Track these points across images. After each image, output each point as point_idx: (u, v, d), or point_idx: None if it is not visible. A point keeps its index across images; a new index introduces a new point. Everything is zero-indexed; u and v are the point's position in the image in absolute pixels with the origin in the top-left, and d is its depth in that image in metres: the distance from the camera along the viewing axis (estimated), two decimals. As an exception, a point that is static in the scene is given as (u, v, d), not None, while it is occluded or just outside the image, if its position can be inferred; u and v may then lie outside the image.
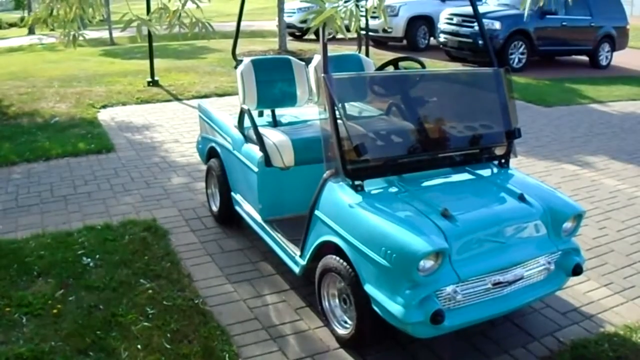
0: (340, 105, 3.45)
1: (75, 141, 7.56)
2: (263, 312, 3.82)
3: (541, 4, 2.66)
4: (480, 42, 13.83)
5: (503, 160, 3.90)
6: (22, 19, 33.26)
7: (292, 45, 17.09)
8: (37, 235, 4.81)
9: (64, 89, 10.87)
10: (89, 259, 4.39)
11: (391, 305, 2.98)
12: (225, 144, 4.84)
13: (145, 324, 3.60)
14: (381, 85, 4.38)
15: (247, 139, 4.53)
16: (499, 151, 3.92)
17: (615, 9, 15.84)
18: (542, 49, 14.56)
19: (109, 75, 12.30)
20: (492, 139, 3.98)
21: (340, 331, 3.47)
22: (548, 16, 14.27)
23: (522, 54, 14.25)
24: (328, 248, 3.44)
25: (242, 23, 5.30)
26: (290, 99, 4.93)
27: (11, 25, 34.36)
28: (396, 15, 16.97)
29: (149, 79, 11.34)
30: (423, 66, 4.77)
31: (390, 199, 3.36)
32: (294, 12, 18.54)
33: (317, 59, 4.89)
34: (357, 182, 3.35)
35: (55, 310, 3.73)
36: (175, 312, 3.74)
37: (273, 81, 4.81)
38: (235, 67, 4.92)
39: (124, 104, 9.97)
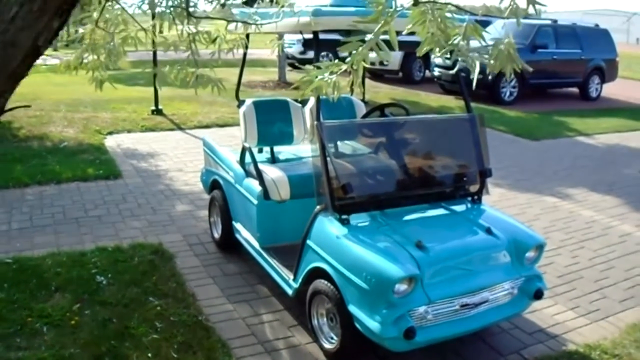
0: (330, 150, 3.89)
1: (84, 166, 7.98)
2: (259, 329, 4.22)
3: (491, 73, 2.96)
4: (472, 77, 14.30)
5: (476, 197, 4.33)
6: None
7: (291, 76, 17.46)
8: (53, 254, 5.21)
9: (71, 114, 11.33)
10: (102, 277, 4.79)
11: (370, 322, 3.39)
12: (227, 177, 5.25)
13: (155, 336, 4.01)
14: (367, 131, 4.85)
15: (248, 174, 4.94)
16: (473, 189, 4.35)
17: (605, 42, 16.33)
18: (533, 82, 15.00)
19: (113, 101, 12.68)
20: (466, 178, 4.42)
21: (327, 346, 3.87)
22: (539, 50, 14.76)
23: (513, 87, 14.67)
24: (318, 273, 3.85)
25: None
26: (287, 138, 5.36)
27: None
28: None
29: (153, 108, 11.75)
30: (407, 111, 5.19)
31: (372, 231, 3.78)
32: (294, 44, 19.00)
33: (313, 101, 5.36)
34: (344, 217, 3.77)
35: (73, 322, 4.13)
36: (181, 326, 4.14)
37: (272, 121, 5.23)
38: (238, 107, 5.37)
39: (129, 131, 10.42)
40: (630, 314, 4.65)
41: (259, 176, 4.67)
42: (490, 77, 14.16)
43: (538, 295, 3.88)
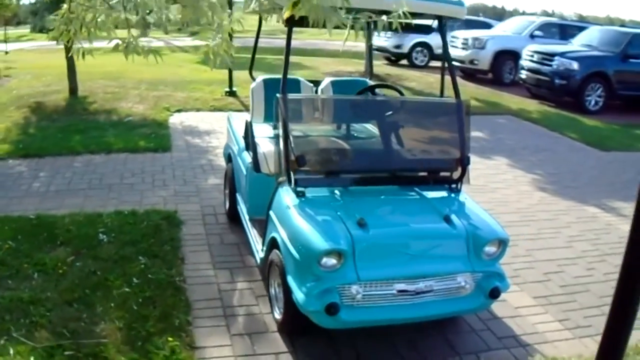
0: (291, 123, 3.94)
1: (138, 139, 8.49)
2: (228, 295, 4.41)
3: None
4: (557, 81, 13.85)
5: (454, 186, 4.20)
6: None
7: (382, 69, 17.41)
8: (73, 214, 5.65)
9: (148, 92, 11.93)
10: (105, 236, 5.16)
11: (298, 293, 3.45)
12: (234, 150, 5.50)
13: (126, 289, 4.30)
14: (333, 107, 4.85)
15: (247, 147, 5.12)
16: (451, 176, 4.21)
17: None
18: (621, 92, 14.18)
19: (195, 82, 13.25)
20: (440, 164, 4.32)
21: (277, 316, 3.97)
22: (631, 60, 14.02)
23: (599, 96, 13.94)
24: (275, 243, 3.91)
25: (336, 43, 5.77)
26: None
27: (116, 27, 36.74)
28: (483, 48, 17.15)
29: (227, 89, 12.22)
30: (401, 94, 5.06)
31: (320, 205, 3.79)
32: (390, 37, 19.02)
33: (327, 81, 5.46)
34: (299, 189, 3.83)
35: (61, 271, 4.51)
36: (154, 284, 4.41)
37: None
38: None
39: (197, 110, 10.91)
40: (626, 334, 4.41)
41: (254, 149, 4.80)
42: (575, 84, 13.65)
43: (495, 294, 3.71)
